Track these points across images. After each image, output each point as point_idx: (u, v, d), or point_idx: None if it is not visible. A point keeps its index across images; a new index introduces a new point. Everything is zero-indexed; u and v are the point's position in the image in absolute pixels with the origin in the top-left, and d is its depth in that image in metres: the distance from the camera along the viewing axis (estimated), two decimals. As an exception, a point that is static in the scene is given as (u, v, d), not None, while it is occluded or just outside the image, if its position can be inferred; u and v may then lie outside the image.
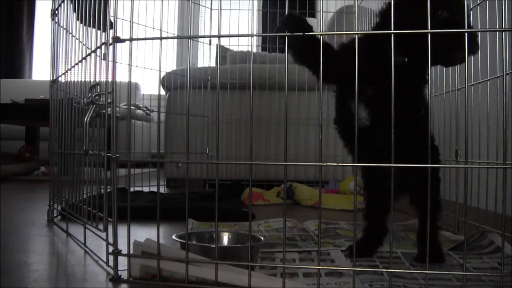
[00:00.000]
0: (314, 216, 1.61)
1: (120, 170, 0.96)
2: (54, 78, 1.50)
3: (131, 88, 1.07)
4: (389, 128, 0.77)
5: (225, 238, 1.08)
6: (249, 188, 0.90)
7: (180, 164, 2.33)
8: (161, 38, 0.91)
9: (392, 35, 0.80)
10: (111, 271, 0.93)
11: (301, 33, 0.86)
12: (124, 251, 0.90)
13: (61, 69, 1.44)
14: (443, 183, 1.43)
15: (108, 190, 1.01)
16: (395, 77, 0.76)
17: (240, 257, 0.94)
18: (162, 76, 2.66)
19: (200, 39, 2.66)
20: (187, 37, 3.55)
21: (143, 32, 2.00)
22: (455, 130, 1.25)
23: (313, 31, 0.87)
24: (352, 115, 0.89)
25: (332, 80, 0.99)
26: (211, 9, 2.19)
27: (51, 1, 1.51)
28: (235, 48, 2.90)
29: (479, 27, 1.26)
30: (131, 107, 3.04)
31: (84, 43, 1.25)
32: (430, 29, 0.76)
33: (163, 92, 2.78)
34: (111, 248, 0.92)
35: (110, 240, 0.94)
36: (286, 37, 0.86)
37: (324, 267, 0.93)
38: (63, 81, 1.43)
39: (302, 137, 2.55)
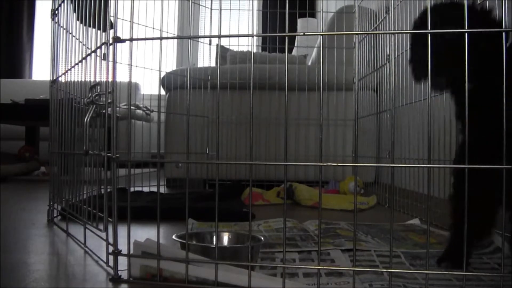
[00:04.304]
0: (314, 216, 1.61)
1: (120, 170, 0.96)
2: (54, 78, 1.50)
3: (131, 88, 1.07)
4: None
5: (225, 238, 1.08)
6: (249, 188, 0.90)
7: (180, 164, 2.33)
8: (161, 38, 0.91)
9: (392, 35, 0.80)
10: (111, 271, 0.93)
11: (302, 33, 0.86)
12: (124, 251, 0.90)
13: (61, 69, 1.44)
14: (443, 184, 1.43)
15: (108, 190, 1.01)
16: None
17: (240, 257, 0.94)
18: (162, 76, 2.66)
19: (200, 39, 2.66)
20: (187, 37, 3.55)
21: (143, 32, 2.00)
22: (456, 131, 1.24)
23: None
24: None
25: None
26: (211, 9, 2.20)
27: (51, 1, 1.51)
28: (235, 48, 2.90)
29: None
30: (131, 107, 3.04)
31: (84, 43, 1.25)
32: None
33: (163, 92, 2.78)
34: (111, 248, 0.92)
35: (110, 240, 0.94)
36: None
37: (324, 267, 0.93)
38: (63, 81, 1.43)
39: (302, 137, 2.55)
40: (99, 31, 1.10)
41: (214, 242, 1.00)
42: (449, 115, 1.38)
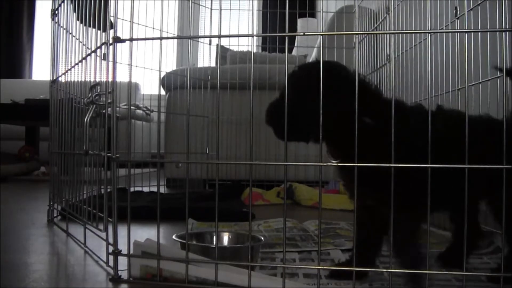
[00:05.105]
0: (314, 216, 1.60)
1: (120, 170, 0.96)
2: (54, 78, 1.50)
3: (131, 88, 1.07)
4: None
5: (225, 238, 1.08)
6: (249, 188, 0.90)
7: (180, 164, 2.33)
8: (161, 38, 0.91)
9: (392, 35, 0.80)
10: (111, 271, 0.93)
11: (302, 33, 0.86)
12: (124, 251, 0.90)
13: (61, 69, 1.44)
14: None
15: (108, 190, 1.01)
16: None
17: (240, 257, 0.94)
18: (162, 76, 2.66)
19: (200, 39, 2.66)
20: (187, 37, 3.54)
21: (143, 32, 2.00)
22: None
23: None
24: None
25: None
26: (211, 9, 2.19)
27: (51, 1, 1.51)
28: (235, 48, 2.90)
29: (479, 27, 1.26)
30: (131, 107, 3.04)
31: (84, 43, 1.25)
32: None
33: (163, 92, 2.78)
34: (111, 248, 0.92)
35: (110, 240, 0.94)
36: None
37: (324, 267, 0.93)
38: (63, 81, 1.43)
39: (302, 137, 2.55)
40: (99, 31, 1.10)
41: (214, 242, 1.00)
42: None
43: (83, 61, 1.22)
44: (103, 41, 1.02)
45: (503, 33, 0.81)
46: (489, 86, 1.21)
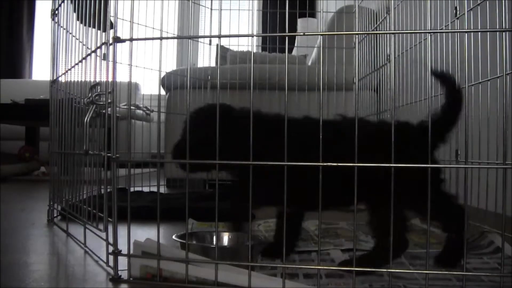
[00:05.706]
0: (314, 216, 1.60)
1: (120, 170, 0.96)
2: (54, 78, 1.50)
3: (131, 88, 1.07)
4: None
5: (225, 238, 1.08)
6: (249, 188, 0.90)
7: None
8: (161, 38, 0.91)
9: (392, 35, 0.80)
10: (111, 271, 0.93)
11: (302, 33, 0.86)
12: (124, 251, 0.90)
13: (61, 69, 1.44)
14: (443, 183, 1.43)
15: (108, 190, 1.01)
16: None
17: (240, 257, 0.94)
18: (162, 76, 2.66)
19: (200, 39, 2.66)
20: (187, 37, 3.55)
21: (143, 32, 2.00)
22: (455, 130, 1.25)
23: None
24: None
25: None
26: (211, 9, 2.19)
27: (51, 1, 1.51)
28: (235, 48, 2.90)
29: (479, 27, 1.26)
30: (131, 107, 3.03)
31: (84, 43, 1.25)
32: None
33: (163, 92, 2.78)
34: (111, 248, 0.92)
35: (110, 240, 0.94)
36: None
37: (324, 267, 0.93)
38: (63, 81, 1.43)
39: (302, 137, 2.54)
40: (99, 31, 1.10)
41: (214, 242, 1.00)
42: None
43: (83, 61, 1.22)
44: (103, 41, 1.02)
45: (503, 33, 0.81)
46: (489, 86, 1.21)
